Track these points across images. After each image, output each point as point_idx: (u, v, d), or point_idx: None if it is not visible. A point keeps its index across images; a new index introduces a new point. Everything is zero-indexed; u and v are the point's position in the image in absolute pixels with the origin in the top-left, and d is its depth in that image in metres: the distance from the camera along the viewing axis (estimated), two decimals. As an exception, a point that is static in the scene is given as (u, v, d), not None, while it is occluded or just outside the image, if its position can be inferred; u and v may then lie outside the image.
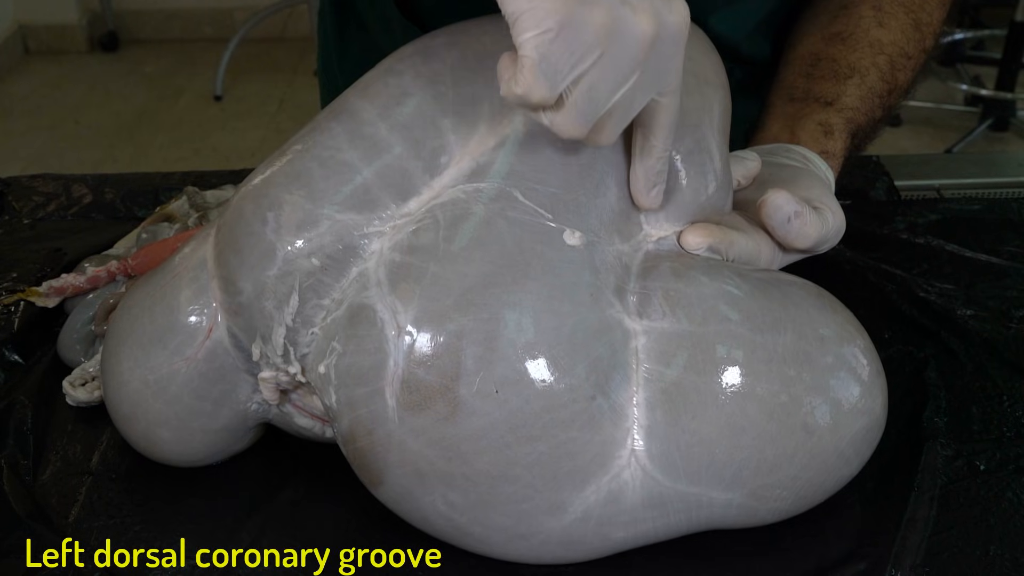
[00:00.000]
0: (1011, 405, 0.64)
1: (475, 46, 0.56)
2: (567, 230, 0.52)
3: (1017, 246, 0.80)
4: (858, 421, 0.53)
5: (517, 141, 0.54)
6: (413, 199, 0.54)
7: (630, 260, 0.55)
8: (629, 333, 0.52)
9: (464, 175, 0.54)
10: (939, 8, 0.77)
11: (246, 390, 0.58)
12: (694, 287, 0.53)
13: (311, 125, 0.57)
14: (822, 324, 0.54)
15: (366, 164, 0.54)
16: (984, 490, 0.58)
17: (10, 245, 0.82)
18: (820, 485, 0.54)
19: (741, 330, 0.52)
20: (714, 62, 0.59)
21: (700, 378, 0.51)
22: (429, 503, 0.52)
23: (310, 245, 0.53)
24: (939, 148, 2.77)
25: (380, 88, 0.56)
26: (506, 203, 0.53)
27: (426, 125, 0.55)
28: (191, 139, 2.91)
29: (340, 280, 0.54)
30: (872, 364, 0.54)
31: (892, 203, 0.87)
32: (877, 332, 0.57)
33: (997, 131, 2.86)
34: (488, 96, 0.55)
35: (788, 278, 0.56)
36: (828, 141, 0.70)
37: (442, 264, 0.51)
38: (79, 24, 3.43)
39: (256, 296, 0.54)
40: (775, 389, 0.51)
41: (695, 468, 0.51)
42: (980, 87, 2.95)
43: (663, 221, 0.56)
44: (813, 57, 0.75)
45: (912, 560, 0.54)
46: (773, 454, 0.51)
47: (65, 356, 0.69)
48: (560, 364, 0.50)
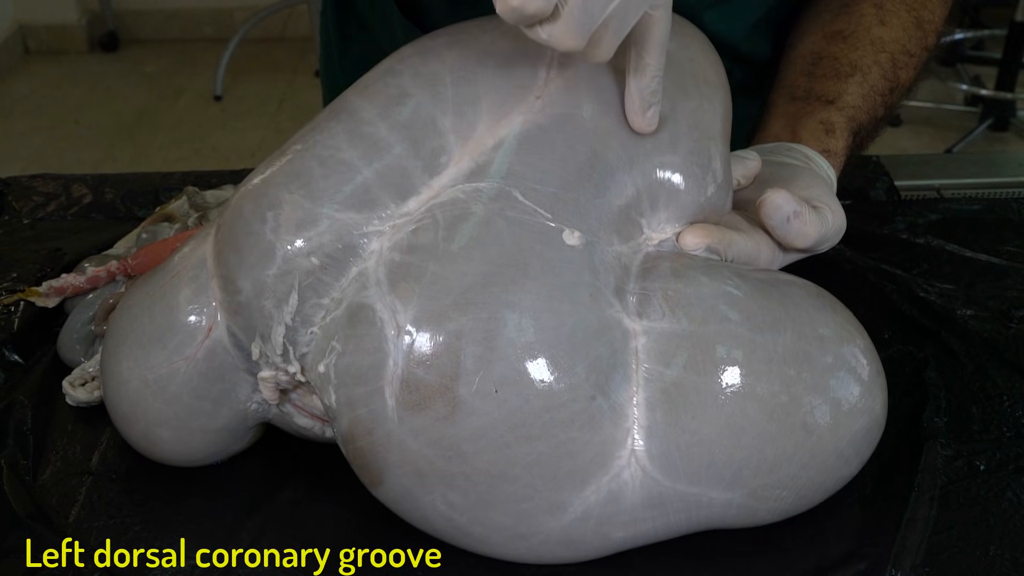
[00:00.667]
0: (1011, 405, 0.64)
1: (475, 46, 0.56)
2: (566, 230, 0.52)
3: (1017, 246, 0.80)
4: (858, 421, 0.53)
5: (516, 141, 0.54)
6: (412, 199, 0.54)
7: (629, 261, 0.55)
8: (629, 333, 0.52)
9: (463, 175, 0.54)
10: (941, 6, 0.77)
11: (246, 390, 0.58)
12: (694, 287, 0.53)
13: (311, 125, 0.57)
14: (822, 324, 0.54)
15: (366, 164, 0.54)
16: (984, 490, 0.58)
17: (10, 245, 0.82)
18: (820, 485, 0.54)
19: (741, 330, 0.52)
20: (714, 62, 0.59)
21: (700, 378, 0.51)
22: (429, 503, 0.52)
23: (309, 244, 0.53)
24: (939, 148, 2.77)
25: (380, 88, 0.56)
26: (505, 203, 0.53)
27: (426, 125, 0.55)
28: (191, 139, 2.91)
29: (339, 279, 0.54)
30: (872, 364, 0.54)
31: (892, 203, 0.87)
32: (877, 332, 0.57)
33: (997, 131, 2.86)
34: (488, 96, 0.55)
35: (787, 278, 0.56)
36: (830, 140, 0.70)
37: (441, 264, 0.51)
38: (79, 24, 3.43)
39: (255, 295, 0.54)
40: (775, 389, 0.51)
41: (695, 468, 0.51)
42: (980, 87, 2.95)
43: (663, 223, 0.56)
44: (814, 56, 0.75)
45: (912, 560, 0.54)
46: (773, 454, 0.52)
47: (65, 356, 0.69)
48: (560, 364, 0.50)
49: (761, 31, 0.81)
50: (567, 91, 0.55)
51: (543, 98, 0.55)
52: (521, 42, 0.56)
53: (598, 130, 0.55)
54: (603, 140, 0.54)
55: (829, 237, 0.60)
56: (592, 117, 0.55)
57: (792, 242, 0.58)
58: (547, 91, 0.55)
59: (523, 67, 0.56)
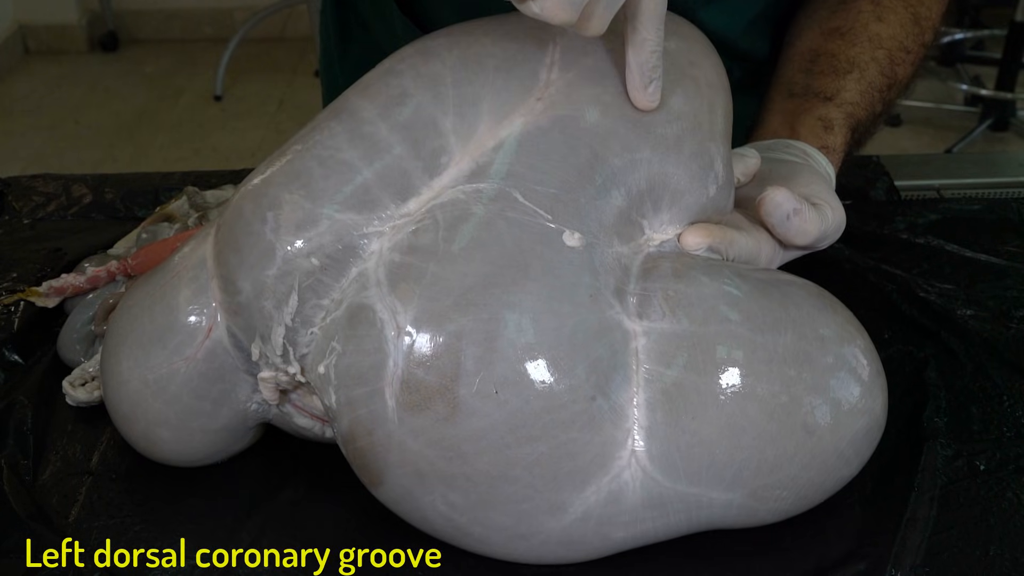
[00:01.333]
0: (1011, 405, 0.64)
1: (476, 47, 0.56)
2: (566, 231, 0.52)
3: (1017, 246, 0.80)
4: (858, 421, 0.53)
5: (517, 142, 0.54)
6: (413, 199, 0.54)
7: (630, 262, 0.55)
8: (629, 334, 0.52)
9: (464, 176, 0.54)
10: (938, 2, 0.77)
11: (246, 390, 0.58)
12: (694, 287, 0.53)
13: (311, 125, 0.57)
14: (822, 324, 0.54)
15: (366, 164, 0.54)
16: (984, 490, 0.58)
17: (10, 245, 0.82)
18: (820, 485, 0.54)
19: (741, 330, 0.52)
20: (715, 64, 0.59)
21: (700, 378, 0.51)
22: (429, 503, 0.52)
23: (309, 245, 0.53)
24: (939, 148, 2.77)
25: (380, 88, 0.56)
26: (506, 204, 0.53)
27: (426, 125, 0.55)
28: (191, 139, 2.91)
29: (339, 280, 0.54)
30: (872, 364, 0.54)
31: (892, 203, 0.87)
32: (877, 332, 0.57)
33: (997, 131, 2.86)
34: (488, 97, 0.55)
35: (788, 278, 0.56)
36: (828, 136, 0.70)
37: (442, 264, 0.51)
38: (79, 24, 3.43)
39: (255, 296, 0.54)
40: (775, 389, 0.51)
41: (695, 469, 0.51)
42: (980, 87, 2.95)
43: (665, 224, 0.56)
44: (812, 53, 0.75)
45: (912, 560, 0.54)
46: (773, 454, 0.51)
47: (65, 356, 0.69)
48: (560, 365, 0.50)
49: (758, 28, 0.81)
50: (568, 93, 0.55)
51: (544, 100, 0.55)
52: (522, 43, 0.56)
53: (599, 132, 0.54)
54: (604, 142, 0.54)
55: (829, 234, 0.60)
56: (593, 119, 0.55)
57: (792, 240, 0.58)
58: (548, 93, 0.55)
59: (524, 68, 0.56)
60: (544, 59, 0.56)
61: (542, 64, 0.56)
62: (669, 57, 0.55)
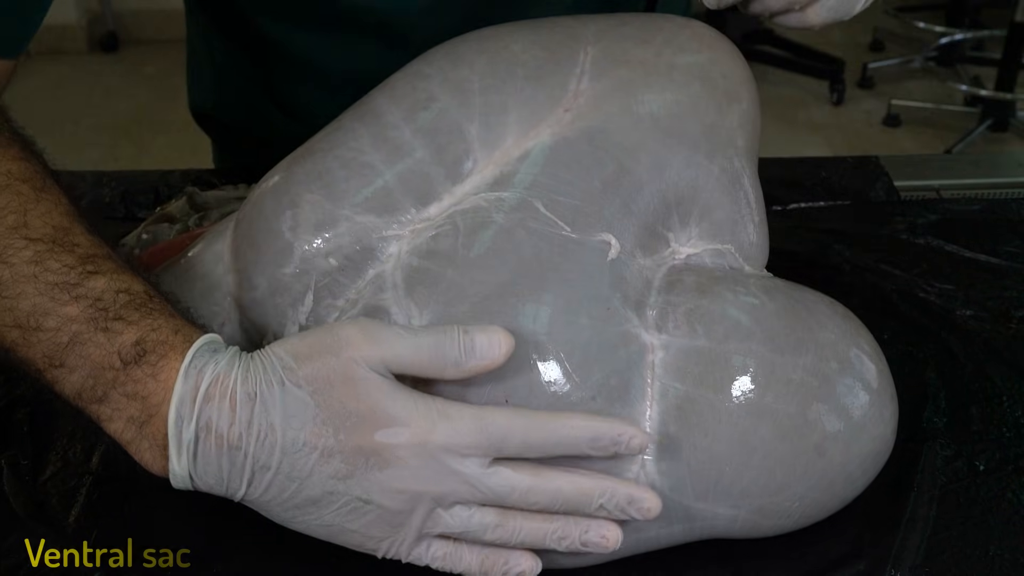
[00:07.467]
0: (1011, 405, 0.64)
1: (505, 54, 0.56)
2: (587, 242, 0.52)
3: (1017, 246, 0.80)
4: (869, 444, 0.53)
5: (543, 153, 0.54)
6: (434, 204, 0.54)
7: (652, 274, 0.54)
8: (646, 347, 0.52)
9: (487, 183, 0.54)
10: None
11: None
12: (717, 304, 0.53)
13: (335, 124, 0.57)
14: (844, 347, 0.53)
15: (388, 167, 0.54)
16: (984, 490, 0.58)
17: (10, 245, 0.82)
18: (825, 504, 0.54)
19: (761, 349, 0.51)
20: (745, 78, 0.59)
21: (715, 395, 0.51)
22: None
23: (328, 245, 0.53)
24: (939, 148, 2.77)
25: (407, 91, 0.56)
26: (527, 213, 0.52)
27: (451, 131, 0.54)
28: (191, 139, 2.90)
29: (356, 281, 0.54)
30: (887, 389, 0.54)
31: (892, 203, 0.87)
32: (877, 332, 0.57)
33: (997, 131, 2.86)
34: (516, 107, 0.55)
35: (815, 296, 0.56)
36: None
37: (460, 270, 0.51)
38: (79, 24, 3.43)
39: (271, 293, 0.54)
40: (791, 410, 0.51)
41: (703, 485, 0.51)
42: (980, 87, 2.95)
43: (695, 238, 0.56)
44: None
45: (912, 560, 0.54)
46: (782, 474, 0.51)
47: (65, 356, 0.69)
48: (573, 376, 0.50)
49: None
50: (597, 104, 0.55)
51: (572, 110, 0.55)
52: (553, 52, 0.56)
53: (627, 144, 0.54)
54: (631, 154, 0.54)
55: None
56: (621, 131, 0.54)
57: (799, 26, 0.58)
58: (577, 103, 0.55)
59: (554, 78, 0.55)
60: (574, 69, 0.56)
61: (572, 74, 0.56)
62: (702, 72, 0.55)
